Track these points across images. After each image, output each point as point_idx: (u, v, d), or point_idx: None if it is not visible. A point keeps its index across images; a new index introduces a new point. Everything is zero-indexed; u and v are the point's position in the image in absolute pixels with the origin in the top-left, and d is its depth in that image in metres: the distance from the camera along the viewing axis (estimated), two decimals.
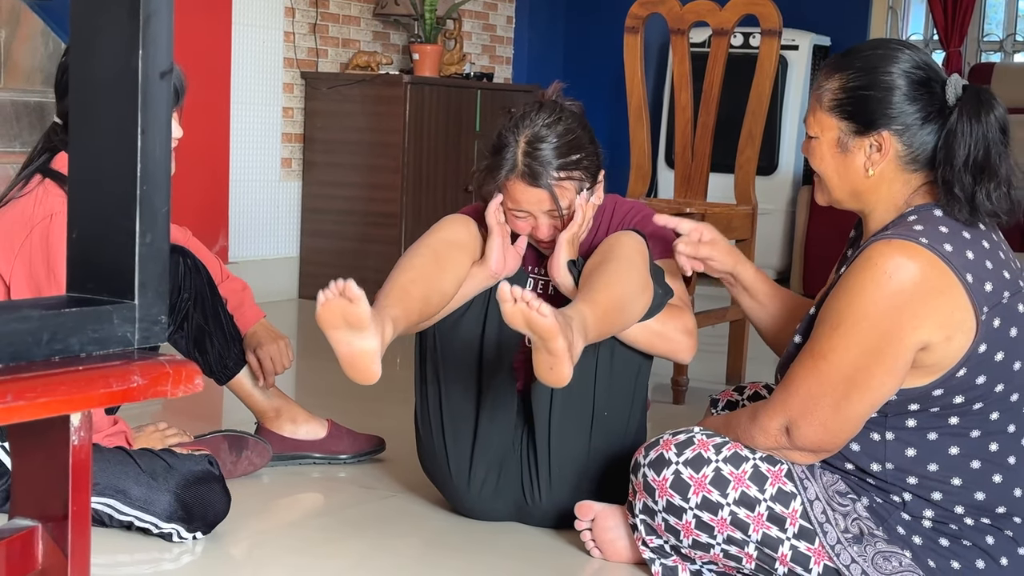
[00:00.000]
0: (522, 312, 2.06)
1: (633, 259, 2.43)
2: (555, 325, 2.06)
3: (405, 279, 2.41)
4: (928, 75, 2.12)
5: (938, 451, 2.11)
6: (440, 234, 2.54)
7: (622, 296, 2.36)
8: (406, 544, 2.57)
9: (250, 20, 5.49)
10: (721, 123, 4.23)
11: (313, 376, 4.15)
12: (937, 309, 2.03)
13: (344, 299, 2.10)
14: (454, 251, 2.50)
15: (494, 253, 2.53)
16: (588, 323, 2.23)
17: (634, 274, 2.40)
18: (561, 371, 2.11)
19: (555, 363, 2.10)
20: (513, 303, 2.05)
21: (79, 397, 0.99)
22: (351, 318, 2.11)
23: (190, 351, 2.89)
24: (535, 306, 2.05)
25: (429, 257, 2.46)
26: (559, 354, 2.09)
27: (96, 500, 2.42)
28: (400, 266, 2.45)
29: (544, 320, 2.05)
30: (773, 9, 4.03)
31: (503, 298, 2.06)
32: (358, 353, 2.16)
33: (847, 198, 2.19)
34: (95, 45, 1.03)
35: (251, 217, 5.60)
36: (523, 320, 2.06)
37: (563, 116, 2.53)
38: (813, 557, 2.14)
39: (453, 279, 2.48)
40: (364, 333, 2.14)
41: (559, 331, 2.07)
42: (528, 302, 2.05)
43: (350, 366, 2.18)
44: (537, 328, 2.07)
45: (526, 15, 7.20)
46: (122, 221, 1.03)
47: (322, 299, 2.10)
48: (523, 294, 2.05)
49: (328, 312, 2.11)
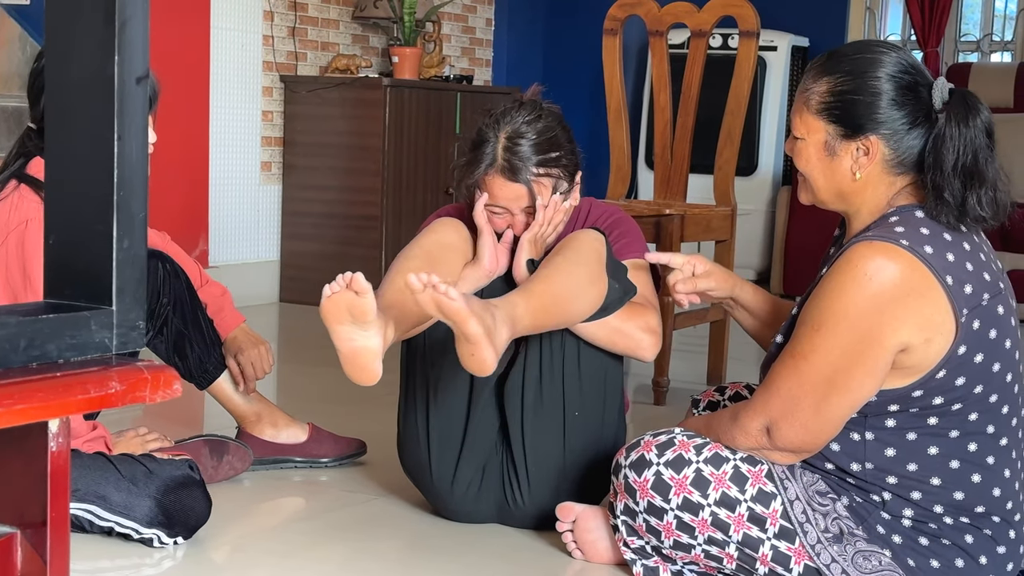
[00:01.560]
0: (431, 297, 2.05)
1: (583, 252, 2.43)
2: (465, 308, 2.05)
3: (401, 283, 2.40)
4: (915, 79, 2.12)
5: (917, 451, 2.11)
6: (432, 236, 2.55)
7: (563, 288, 2.35)
8: (388, 547, 2.57)
9: (228, 24, 5.48)
10: (700, 124, 4.24)
11: (294, 380, 4.15)
12: (917, 311, 2.03)
13: (351, 292, 2.09)
14: (447, 253, 2.51)
15: (487, 251, 2.54)
16: (518, 312, 2.23)
17: (581, 268, 2.40)
18: (482, 357, 2.10)
19: (474, 349, 2.10)
20: (422, 290, 2.05)
21: (57, 403, 0.99)
22: (356, 312, 2.10)
23: (170, 356, 2.89)
24: (442, 290, 2.04)
25: (423, 259, 2.47)
26: (475, 339, 2.08)
27: (76, 506, 2.41)
28: (395, 269, 2.45)
29: (453, 303, 2.05)
30: (751, 10, 4.05)
31: (412, 287, 2.06)
32: (360, 350, 2.15)
33: (832, 199, 2.19)
34: (71, 50, 1.03)
35: (231, 221, 5.59)
36: (434, 305, 2.06)
37: (543, 114, 2.56)
38: (793, 557, 2.15)
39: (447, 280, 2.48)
40: (367, 329, 2.13)
41: (470, 314, 2.06)
42: (435, 286, 2.04)
43: (351, 363, 2.17)
44: (448, 312, 2.06)
45: (505, 17, 7.20)
46: (99, 227, 1.03)
47: (328, 292, 2.10)
48: (430, 279, 2.05)
49: (333, 305, 2.10)
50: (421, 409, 2.62)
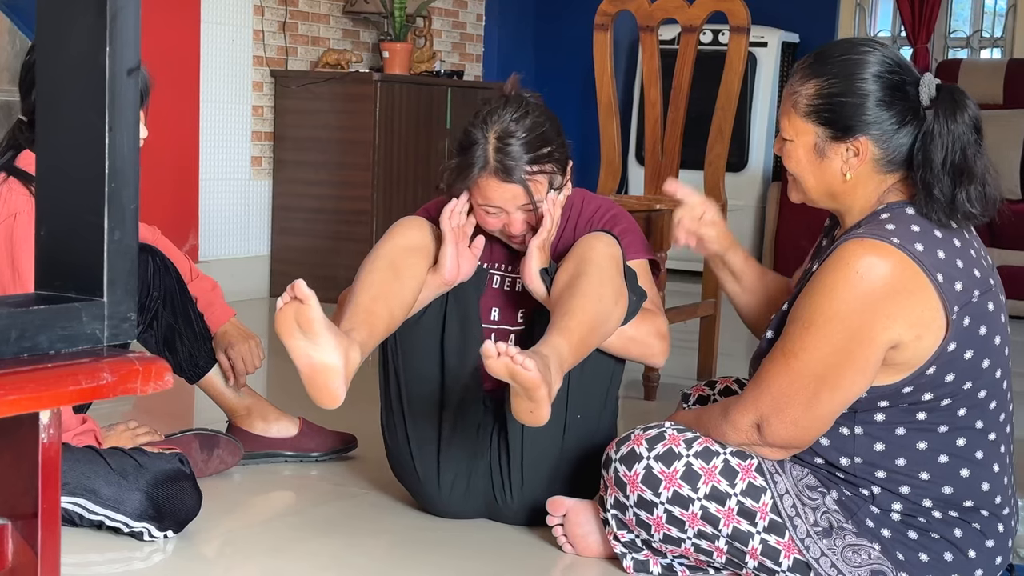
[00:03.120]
0: (506, 366, 2.06)
1: (606, 268, 2.38)
2: (539, 377, 2.06)
3: (367, 298, 2.38)
4: (902, 77, 2.12)
5: (906, 446, 2.12)
6: (395, 240, 2.50)
7: (596, 316, 2.33)
8: (378, 542, 2.57)
9: (219, 18, 5.47)
10: (691, 120, 4.24)
11: (284, 374, 4.14)
12: (908, 308, 2.04)
13: (296, 301, 2.08)
14: (411, 258, 2.47)
15: (448, 261, 2.49)
16: (564, 356, 2.23)
17: (607, 288, 2.36)
18: (540, 414, 2.13)
19: (536, 408, 2.12)
20: (497, 357, 2.06)
21: (48, 394, 0.99)
22: (302, 321, 2.09)
23: (160, 350, 2.88)
24: (520, 360, 2.05)
25: (387, 270, 2.43)
26: (540, 400, 2.10)
27: (66, 500, 2.41)
28: (359, 283, 2.42)
29: (529, 374, 2.06)
30: (741, 6, 4.05)
31: (487, 354, 2.06)
32: (319, 367, 2.12)
33: (823, 199, 2.20)
34: (62, 42, 1.03)
35: (221, 216, 5.58)
36: (508, 373, 2.07)
37: (530, 109, 2.51)
38: (783, 551, 2.15)
39: (413, 287, 2.46)
40: (319, 341, 2.11)
41: (541, 381, 2.07)
42: (512, 356, 2.05)
43: (311, 383, 2.14)
44: (521, 380, 2.07)
45: (496, 12, 7.20)
46: (90, 218, 1.03)
47: (279, 305, 2.09)
48: (507, 349, 2.05)
49: (283, 317, 2.09)
50: (397, 408, 2.62)
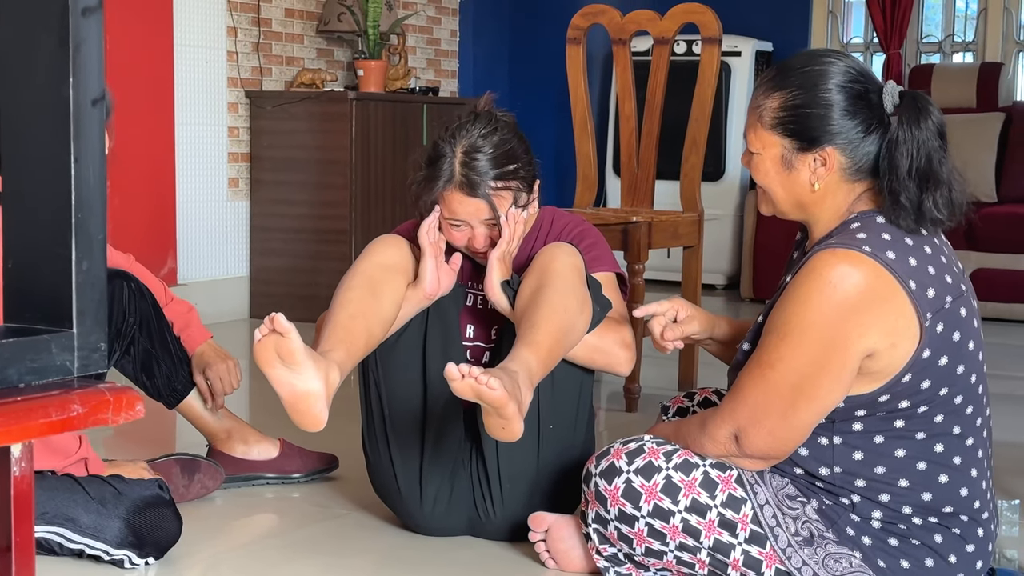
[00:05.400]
0: (471, 387, 2.06)
1: (569, 278, 2.41)
2: (504, 395, 2.07)
3: (344, 316, 2.39)
4: (865, 86, 2.14)
5: (884, 454, 2.13)
6: (372, 259, 2.51)
7: (562, 325, 2.34)
8: (362, 562, 2.57)
9: (192, 41, 5.47)
10: (667, 131, 4.26)
11: (264, 395, 4.13)
12: (882, 317, 2.05)
13: (276, 334, 2.09)
14: (388, 275, 2.49)
15: (428, 275, 2.51)
16: (533, 369, 2.24)
17: (571, 298, 2.38)
18: (512, 429, 2.13)
19: (507, 424, 2.12)
20: (461, 379, 2.06)
21: (18, 428, 0.99)
22: (283, 352, 2.10)
23: (138, 376, 2.87)
24: (484, 381, 2.05)
25: (365, 288, 2.45)
26: (510, 417, 2.10)
27: (45, 528, 2.40)
28: (337, 301, 2.43)
29: (494, 393, 2.06)
30: (712, 17, 4.07)
31: (451, 377, 2.07)
32: (301, 395, 2.14)
33: (792, 210, 2.21)
34: (25, 74, 1.03)
35: (199, 238, 5.57)
36: (473, 394, 2.08)
37: (498, 127, 2.53)
38: (765, 561, 2.16)
39: (391, 304, 2.47)
40: (300, 370, 2.13)
41: (509, 399, 2.08)
42: (476, 377, 2.05)
43: (293, 409, 2.16)
44: (488, 400, 2.08)
45: (470, 28, 7.21)
46: (58, 249, 1.03)
47: (257, 336, 2.10)
48: (470, 370, 2.06)
49: (262, 349, 2.11)
50: (379, 425, 2.62)
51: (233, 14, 5.65)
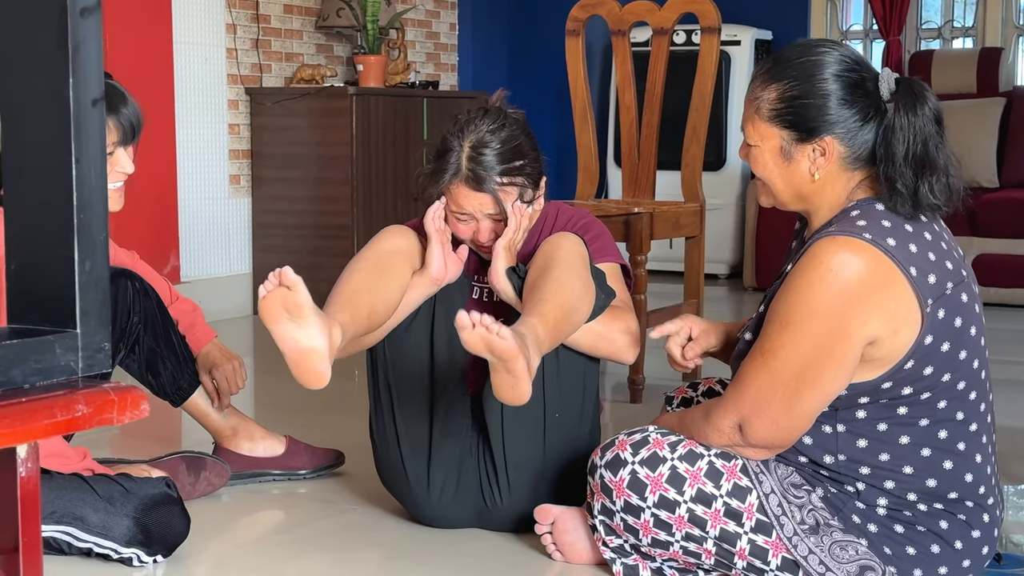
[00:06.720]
0: (482, 337, 2.05)
1: (573, 262, 2.43)
2: (515, 347, 2.06)
3: (348, 289, 2.41)
4: (861, 74, 2.14)
5: (889, 441, 2.13)
6: (379, 245, 2.55)
7: (568, 303, 2.36)
8: (369, 556, 2.57)
9: (191, 38, 5.47)
10: (667, 121, 4.26)
11: (270, 393, 4.14)
12: (883, 304, 2.05)
13: (283, 288, 2.09)
14: (395, 260, 2.51)
15: (435, 260, 2.54)
16: (541, 337, 2.23)
17: (576, 279, 2.40)
18: (521, 389, 2.12)
19: (516, 383, 2.11)
20: (472, 328, 2.05)
21: (24, 429, 0.99)
22: (291, 306, 2.10)
23: (143, 374, 2.88)
24: (495, 330, 2.04)
25: (371, 268, 2.47)
26: (520, 374, 2.09)
27: (54, 528, 2.41)
28: (343, 278, 2.45)
29: (505, 343, 2.05)
30: (711, 7, 4.06)
31: (461, 325, 2.05)
32: (305, 351, 2.14)
33: (792, 201, 2.21)
34: (25, 75, 1.03)
35: (202, 235, 5.57)
36: (484, 345, 2.06)
37: (507, 122, 2.55)
38: (771, 550, 2.16)
39: (397, 287, 2.49)
40: (306, 325, 2.12)
41: (519, 352, 2.07)
42: (487, 326, 2.04)
43: (297, 366, 2.16)
44: (498, 351, 2.07)
45: (469, 22, 7.21)
46: (60, 250, 1.03)
47: (263, 292, 2.10)
48: (482, 319, 2.05)
49: (268, 304, 2.10)
50: (388, 415, 2.63)
51: (232, 11, 5.65)
